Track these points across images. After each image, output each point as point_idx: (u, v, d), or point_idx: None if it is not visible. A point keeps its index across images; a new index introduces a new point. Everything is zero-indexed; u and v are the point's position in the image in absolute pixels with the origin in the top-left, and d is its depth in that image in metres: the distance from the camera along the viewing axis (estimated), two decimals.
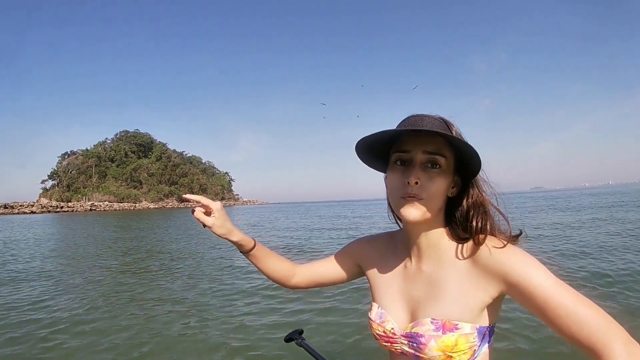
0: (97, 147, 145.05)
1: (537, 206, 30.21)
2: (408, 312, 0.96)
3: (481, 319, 0.87)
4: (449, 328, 0.86)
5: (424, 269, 0.96)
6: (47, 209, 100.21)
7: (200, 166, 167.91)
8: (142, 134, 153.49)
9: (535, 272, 0.79)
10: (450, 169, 0.90)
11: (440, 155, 0.87)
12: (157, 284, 7.75)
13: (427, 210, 0.88)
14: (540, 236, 12.00)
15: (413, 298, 0.96)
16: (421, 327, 0.89)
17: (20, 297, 6.89)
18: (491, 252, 0.85)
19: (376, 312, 1.01)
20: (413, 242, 0.97)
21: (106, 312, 5.76)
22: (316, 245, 13.41)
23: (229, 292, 6.77)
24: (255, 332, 4.72)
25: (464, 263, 0.90)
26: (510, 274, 0.81)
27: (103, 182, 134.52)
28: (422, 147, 0.87)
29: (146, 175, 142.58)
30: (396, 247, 1.06)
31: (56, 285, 7.85)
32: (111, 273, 9.27)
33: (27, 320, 5.47)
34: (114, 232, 23.46)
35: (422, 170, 0.87)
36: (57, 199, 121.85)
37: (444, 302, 0.89)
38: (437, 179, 0.87)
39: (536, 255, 0.84)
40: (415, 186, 0.86)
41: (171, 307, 5.85)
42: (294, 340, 1.74)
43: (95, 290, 7.28)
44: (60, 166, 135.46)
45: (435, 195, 0.88)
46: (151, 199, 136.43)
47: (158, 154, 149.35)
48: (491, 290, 0.85)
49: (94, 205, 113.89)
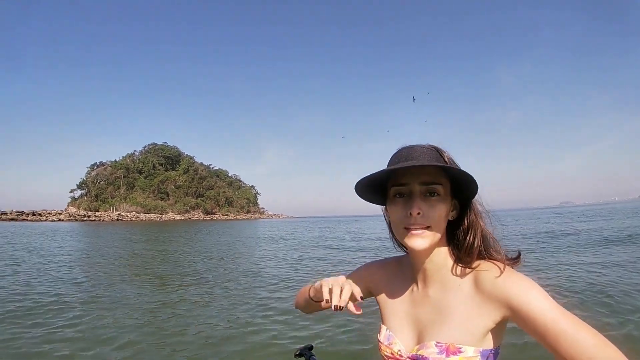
0: (126, 158, 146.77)
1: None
2: (415, 335, 1.00)
3: (485, 343, 0.90)
4: (453, 351, 0.89)
5: (430, 293, 1.00)
6: (75, 217, 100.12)
7: (226, 179, 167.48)
8: (170, 147, 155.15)
9: (536, 299, 0.83)
10: (448, 194, 0.95)
11: (436, 183, 0.92)
12: (174, 295, 8.07)
13: (434, 238, 0.93)
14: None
15: (419, 321, 1.00)
16: (426, 350, 0.93)
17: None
18: (494, 278, 0.89)
19: (384, 334, 1.06)
20: (419, 268, 1.02)
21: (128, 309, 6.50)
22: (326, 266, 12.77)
23: (241, 305, 7.01)
24: (265, 346, 4.90)
25: (468, 288, 0.94)
26: (513, 300, 0.84)
27: (131, 193, 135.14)
28: (419, 178, 0.92)
29: (173, 187, 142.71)
30: (404, 272, 1.10)
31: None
32: (134, 279, 10.04)
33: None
34: (144, 241, 24.74)
35: (422, 200, 0.92)
36: (85, 208, 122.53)
37: (448, 326, 0.93)
38: (438, 206, 0.92)
39: (534, 275, 0.89)
40: (418, 217, 0.91)
41: (179, 317, 6.11)
42: (304, 356, 1.70)
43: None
44: (89, 176, 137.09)
45: (439, 221, 0.93)
46: (177, 211, 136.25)
47: (185, 167, 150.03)
48: (494, 315, 0.88)
49: (120, 215, 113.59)
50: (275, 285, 9.14)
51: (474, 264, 0.96)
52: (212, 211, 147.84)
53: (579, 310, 4.73)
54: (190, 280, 9.61)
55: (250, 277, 10.15)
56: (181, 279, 9.97)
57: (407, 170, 0.92)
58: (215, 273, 10.99)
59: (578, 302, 6.05)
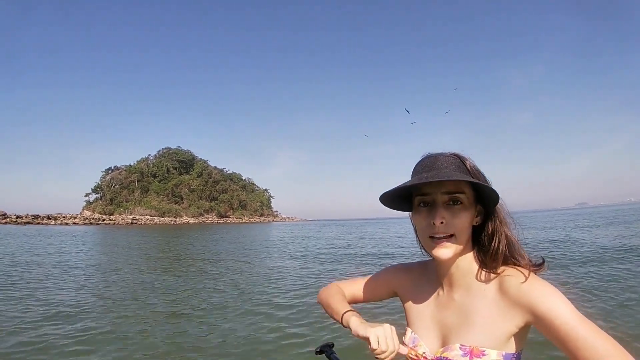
0: (140, 163, 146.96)
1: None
2: (439, 338, 1.03)
3: (508, 347, 0.92)
4: (476, 354, 0.92)
5: (455, 297, 1.03)
6: (90, 220, 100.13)
7: (240, 183, 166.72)
8: (183, 151, 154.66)
9: (559, 307, 0.84)
10: (471, 201, 0.97)
11: (459, 192, 0.94)
12: (195, 294, 8.32)
13: (457, 246, 0.96)
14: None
15: (444, 325, 1.03)
16: (450, 352, 0.96)
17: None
18: (519, 284, 0.91)
19: (409, 337, 1.09)
20: (445, 273, 1.05)
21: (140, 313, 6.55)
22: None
23: (263, 303, 7.30)
24: (286, 342, 5.03)
25: (493, 293, 0.95)
26: (537, 307, 0.86)
27: (145, 196, 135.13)
28: (441, 188, 0.95)
29: (187, 191, 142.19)
30: (429, 276, 1.13)
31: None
32: (150, 275, 10.60)
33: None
34: (160, 245, 24.97)
35: (445, 209, 0.94)
36: (100, 212, 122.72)
37: (473, 330, 0.95)
38: (461, 215, 0.95)
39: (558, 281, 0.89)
40: (441, 226, 0.94)
41: (202, 314, 6.35)
42: (325, 353, 1.67)
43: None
44: (104, 180, 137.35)
45: (462, 229, 0.95)
46: (191, 214, 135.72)
47: (199, 171, 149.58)
48: (517, 320, 0.91)
49: (135, 219, 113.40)
50: (294, 284, 9.28)
51: (499, 269, 0.97)
52: (225, 214, 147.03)
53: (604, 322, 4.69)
54: (209, 279, 9.59)
55: (266, 277, 10.48)
56: (200, 278, 9.88)
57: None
58: (233, 275, 11.08)
59: (603, 313, 5.81)
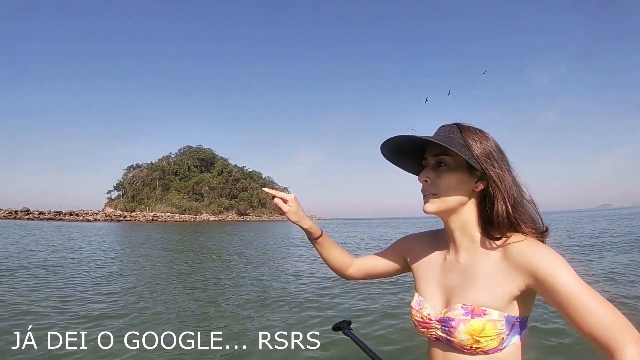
0: (162, 161, 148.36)
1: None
2: (443, 300, 1.06)
3: (510, 309, 0.94)
4: (478, 313, 0.94)
5: (460, 260, 1.06)
6: (111, 217, 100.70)
7: (260, 181, 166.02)
8: (204, 149, 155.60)
9: (560, 271, 0.86)
10: (460, 166, 1.00)
11: (443, 155, 1.01)
12: (246, 285, 8.39)
13: (442, 204, 1.01)
14: None
15: (449, 287, 1.06)
16: (453, 312, 0.98)
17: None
18: (521, 247, 0.93)
19: (416, 300, 1.12)
20: (450, 236, 1.09)
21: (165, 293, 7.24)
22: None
23: (279, 281, 8.19)
24: (304, 319, 5.30)
25: (496, 255, 0.98)
26: (538, 270, 0.88)
27: (166, 194, 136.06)
28: (432, 151, 1.03)
29: (207, 188, 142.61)
30: (438, 243, 1.18)
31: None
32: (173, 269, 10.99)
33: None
34: (184, 241, 24.39)
35: (433, 170, 1.02)
36: (121, 209, 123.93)
37: (475, 290, 0.98)
38: (444, 175, 1.00)
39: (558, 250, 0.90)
40: (425, 184, 1.03)
41: (215, 294, 6.84)
42: (342, 330, 1.76)
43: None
44: (125, 178, 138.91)
45: (445, 189, 1.00)
46: (211, 212, 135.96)
47: (219, 169, 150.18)
48: (519, 282, 0.92)
49: (156, 216, 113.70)
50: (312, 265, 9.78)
51: (503, 234, 0.99)
52: (245, 212, 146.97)
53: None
54: (229, 272, 9.72)
55: (284, 261, 11.59)
56: (222, 271, 10.02)
57: (430, 144, 1.03)
58: (253, 269, 11.24)
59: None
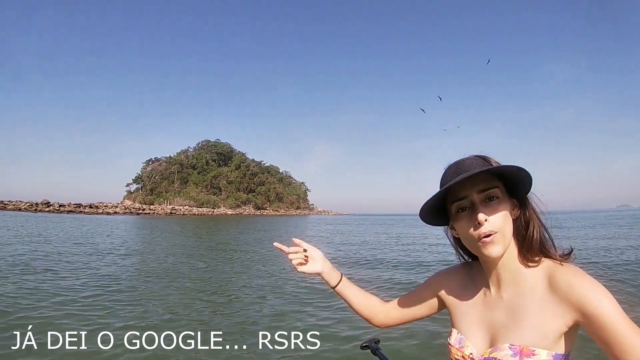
0: (180, 154, 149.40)
1: None
2: (487, 338, 1.00)
3: (557, 347, 0.91)
4: (527, 354, 0.90)
5: (503, 296, 1.01)
6: (130, 210, 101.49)
7: (277, 175, 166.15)
8: (222, 144, 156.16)
9: (609, 308, 0.84)
10: (505, 195, 0.98)
11: (493, 187, 0.96)
12: (235, 285, 8.40)
13: (506, 241, 0.96)
14: None
15: (493, 324, 1.00)
16: (500, 352, 0.94)
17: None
18: (569, 280, 0.90)
19: (455, 338, 1.07)
20: (492, 271, 1.03)
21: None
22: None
23: (308, 297, 6.90)
24: (331, 337, 4.91)
25: (542, 288, 0.94)
26: (586, 306, 0.86)
27: (184, 187, 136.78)
28: (475, 188, 0.96)
29: (225, 182, 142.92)
30: (474, 277, 1.12)
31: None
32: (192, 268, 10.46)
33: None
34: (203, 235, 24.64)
35: (485, 207, 0.95)
36: (140, 202, 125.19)
37: (523, 329, 0.93)
38: (500, 208, 0.95)
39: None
40: (486, 224, 0.93)
41: (246, 309, 5.97)
42: (370, 349, 1.73)
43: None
44: (144, 171, 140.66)
45: (505, 224, 0.95)
46: (229, 206, 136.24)
47: (237, 163, 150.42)
48: (567, 318, 0.89)
49: (174, 209, 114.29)
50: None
51: (537, 260, 0.98)
52: (262, 206, 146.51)
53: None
54: (250, 274, 9.37)
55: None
56: (243, 272, 9.73)
57: (462, 184, 0.95)
58: (270, 264, 11.05)
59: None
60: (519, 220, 1.00)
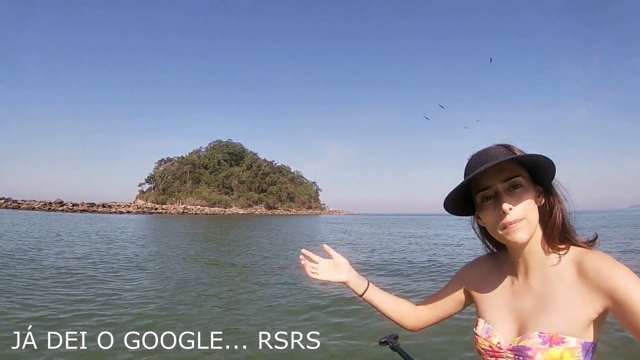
0: (192, 155, 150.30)
1: None
2: (515, 327, 0.99)
3: (586, 334, 0.89)
4: (556, 342, 0.89)
5: (531, 284, 1.00)
6: (143, 209, 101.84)
7: (288, 175, 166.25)
8: (234, 144, 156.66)
9: (638, 291, 0.83)
10: (529, 183, 0.97)
11: (516, 176, 0.95)
12: (253, 284, 8.22)
13: (531, 227, 0.95)
14: None
15: (521, 313, 0.99)
16: (529, 341, 0.92)
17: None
18: (599, 267, 0.89)
19: (482, 328, 1.05)
20: (519, 259, 1.02)
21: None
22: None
23: (327, 294, 6.88)
24: (350, 333, 4.95)
25: (571, 277, 0.93)
26: (617, 292, 0.84)
27: (196, 187, 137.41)
28: (499, 177, 0.95)
29: (237, 182, 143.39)
30: (500, 266, 1.10)
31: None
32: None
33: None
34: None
35: (509, 195, 0.95)
36: (152, 201, 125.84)
37: (552, 316, 0.92)
38: (525, 196, 0.94)
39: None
40: (511, 212, 0.93)
41: (263, 304, 6.03)
42: (389, 344, 1.72)
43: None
44: (157, 171, 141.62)
45: (530, 211, 0.94)
46: (241, 205, 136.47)
47: (249, 163, 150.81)
48: (596, 305, 0.88)
49: (186, 209, 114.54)
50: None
51: (562, 247, 0.97)
52: (274, 206, 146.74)
53: None
54: (264, 271, 9.24)
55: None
56: (261, 270, 9.60)
57: (486, 173, 0.95)
58: (286, 262, 11.11)
59: None
60: (544, 208, 0.99)
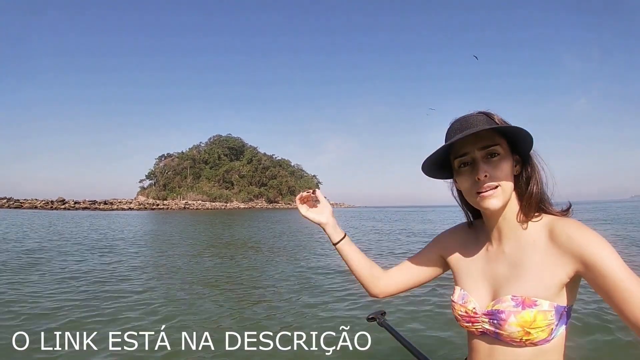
0: (192, 150, 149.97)
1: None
2: (490, 292, 1.02)
3: (559, 298, 0.92)
4: (528, 304, 0.91)
5: (505, 250, 1.02)
6: (144, 206, 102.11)
7: (289, 169, 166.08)
8: (234, 138, 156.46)
9: (609, 257, 0.84)
10: (507, 152, 0.98)
11: (494, 144, 0.96)
12: (246, 265, 9.47)
13: (505, 195, 0.97)
14: None
15: (495, 278, 1.02)
16: (502, 304, 0.95)
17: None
18: (570, 232, 0.91)
19: (459, 294, 1.08)
20: (493, 226, 1.04)
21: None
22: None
23: (315, 272, 7.99)
24: (338, 310, 5.32)
25: (544, 242, 0.95)
26: (588, 255, 0.86)
27: (197, 182, 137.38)
28: (477, 144, 0.97)
29: (237, 176, 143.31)
30: (476, 234, 1.13)
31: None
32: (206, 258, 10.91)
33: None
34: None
35: (485, 163, 0.97)
36: (153, 197, 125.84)
37: (524, 280, 0.94)
38: (501, 165, 0.96)
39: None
40: (485, 179, 0.95)
41: (249, 308, 5.86)
42: (376, 320, 1.75)
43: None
44: (157, 167, 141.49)
45: (505, 179, 0.96)
46: (241, 199, 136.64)
47: (249, 157, 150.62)
48: (568, 269, 0.90)
49: (187, 204, 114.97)
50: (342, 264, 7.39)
51: (535, 215, 1.00)
52: (274, 200, 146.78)
53: None
54: (255, 271, 9.16)
55: (317, 248, 11.47)
56: (249, 269, 9.56)
57: (465, 140, 0.97)
58: (279, 245, 12.47)
59: None
60: (521, 177, 1.01)
